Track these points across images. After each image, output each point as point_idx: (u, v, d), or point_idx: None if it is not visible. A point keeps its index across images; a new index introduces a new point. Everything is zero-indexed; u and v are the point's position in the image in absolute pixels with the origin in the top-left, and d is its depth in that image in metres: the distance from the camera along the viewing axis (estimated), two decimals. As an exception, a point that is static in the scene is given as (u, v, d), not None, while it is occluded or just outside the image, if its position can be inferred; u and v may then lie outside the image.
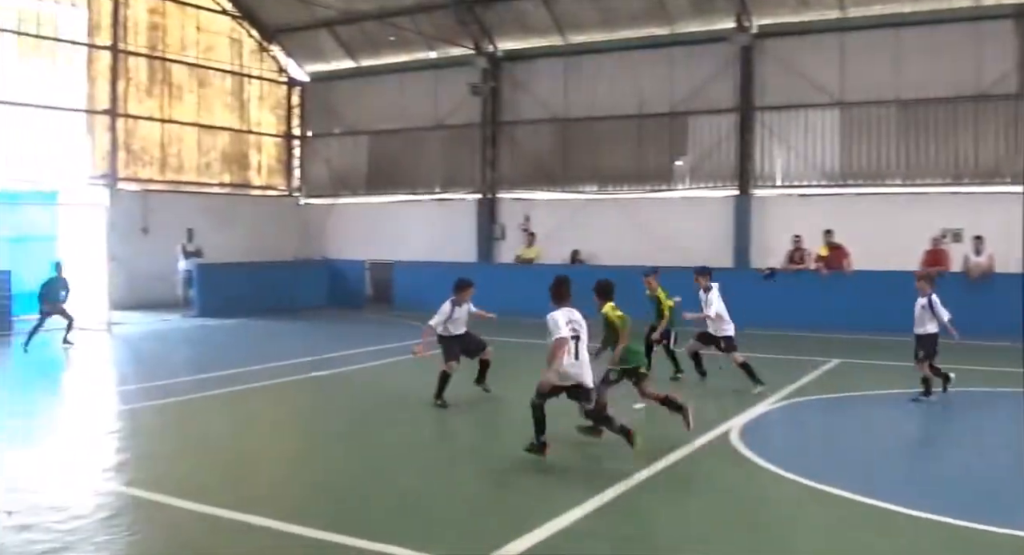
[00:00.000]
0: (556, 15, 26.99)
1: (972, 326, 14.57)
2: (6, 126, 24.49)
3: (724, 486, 8.93)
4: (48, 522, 7.53)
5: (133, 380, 15.64)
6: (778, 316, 20.62)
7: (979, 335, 16.34)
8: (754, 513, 8.13)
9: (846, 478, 8.80)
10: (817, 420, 12.44)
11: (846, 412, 12.85)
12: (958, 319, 13.15)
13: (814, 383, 14.64)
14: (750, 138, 25.00)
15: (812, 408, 12.88)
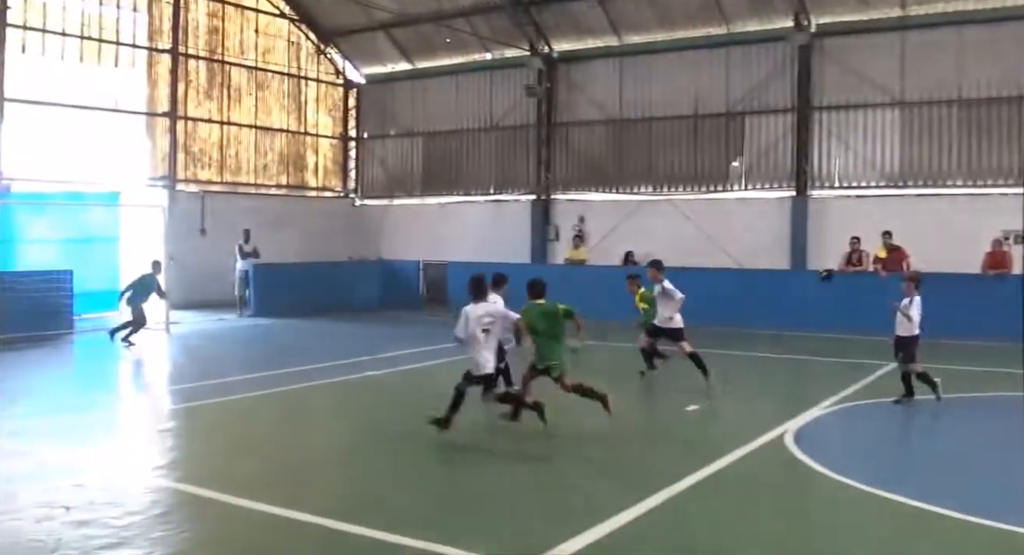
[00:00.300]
0: (612, 15, 26.91)
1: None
2: (70, 129, 24.96)
3: (778, 490, 8.83)
4: (104, 518, 7.63)
5: (189, 378, 15.82)
6: (835, 319, 20.35)
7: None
8: (808, 518, 8.03)
9: (902, 483, 8.66)
10: (873, 424, 12.22)
11: (902, 416, 12.63)
12: (1016, 323, 12.90)
13: (870, 386, 14.40)
14: (807, 138, 24.72)
15: (868, 412, 12.66)
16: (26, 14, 24.03)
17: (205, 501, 8.30)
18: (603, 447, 10.54)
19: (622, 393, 14.38)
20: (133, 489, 8.61)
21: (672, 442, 10.67)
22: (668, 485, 8.55)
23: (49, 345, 18.71)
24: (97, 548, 6.92)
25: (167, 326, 21.39)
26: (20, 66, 23.95)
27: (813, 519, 8.00)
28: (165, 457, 10.14)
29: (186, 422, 12.28)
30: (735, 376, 15.48)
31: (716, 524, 7.80)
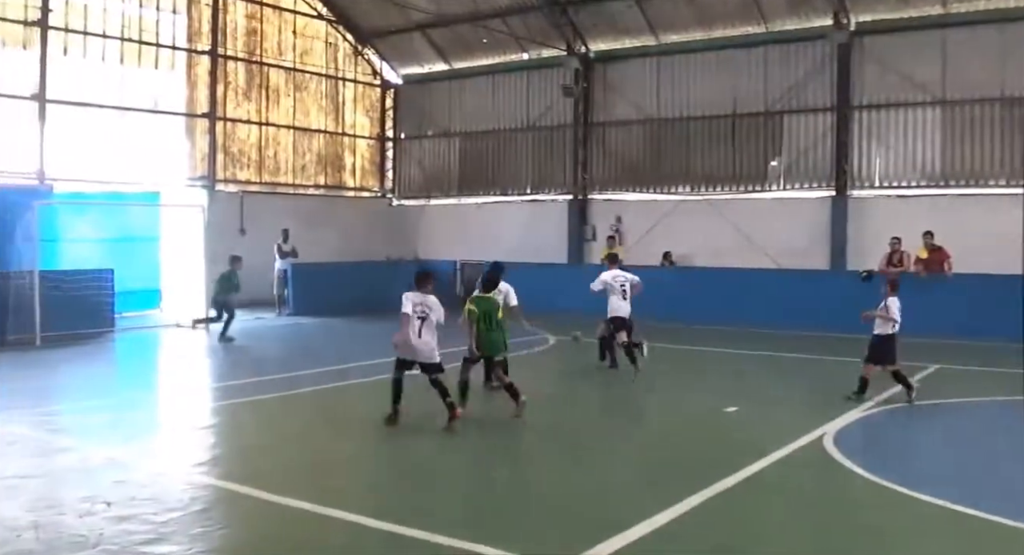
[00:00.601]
0: (649, 15, 26.81)
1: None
2: (110, 130, 25.24)
3: (817, 492, 8.76)
4: (145, 513, 7.70)
5: (228, 376, 15.98)
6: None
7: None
8: (848, 520, 7.92)
9: (944, 486, 8.54)
10: (913, 427, 12.09)
11: (943, 418, 12.49)
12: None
13: (912, 388, 14.25)
14: (847, 138, 24.48)
15: (909, 414, 12.53)
16: (67, 17, 24.30)
17: (244, 498, 8.36)
18: (641, 448, 10.51)
19: (662, 394, 14.38)
20: (173, 485, 8.68)
21: (710, 443, 10.61)
22: (706, 486, 8.50)
23: (91, 343, 18.92)
24: (137, 543, 6.99)
25: (207, 324, 21.56)
26: (62, 68, 24.22)
27: (852, 523, 7.88)
28: (205, 454, 10.23)
29: (225, 419, 12.40)
30: (773, 377, 15.39)
31: (754, 526, 7.74)
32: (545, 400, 13.66)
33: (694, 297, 22.93)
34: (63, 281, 19.30)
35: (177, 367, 17.94)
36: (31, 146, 23.36)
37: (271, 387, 14.04)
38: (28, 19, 23.36)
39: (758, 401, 13.30)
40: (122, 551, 6.83)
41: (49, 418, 11.73)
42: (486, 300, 12.14)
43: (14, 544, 6.94)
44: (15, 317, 18.28)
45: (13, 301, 18.33)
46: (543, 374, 15.82)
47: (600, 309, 15.89)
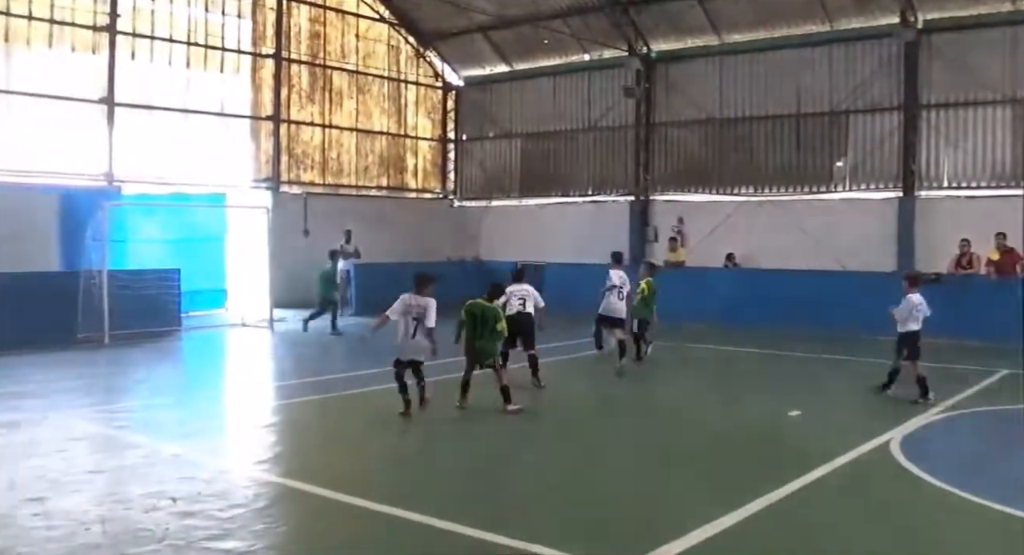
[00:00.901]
0: (711, 15, 26.60)
1: None
2: (177, 132, 25.65)
3: (883, 498, 8.56)
4: (209, 509, 7.80)
5: (292, 375, 16.14)
6: (943, 323, 19.55)
7: None
8: (914, 530, 7.74)
9: (1016, 495, 8.32)
10: (982, 433, 11.81)
11: (1013, 425, 12.19)
12: None
13: (979, 394, 13.96)
14: (915, 137, 24.04)
15: (977, 420, 12.26)
16: (135, 22, 24.73)
17: (306, 495, 8.42)
18: (704, 451, 10.42)
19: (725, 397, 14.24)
20: (237, 482, 8.78)
21: (773, 447, 10.47)
22: (769, 491, 8.38)
23: (157, 341, 19.23)
24: (202, 539, 7.07)
25: (270, 323, 21.82)
26: (129, 72, 24.66)
27: (919, 531, 7.70)
28: (267, 451, 10.34)
29: (287, 417, 12.51)
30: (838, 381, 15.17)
31: (816, 532, 7.60)
32: (605, 401, 13.65)
33: (757, 299, 22.68)
34: (131, 281, 19.62)
35: (241, 366, 18.21)
36: (100, 149, 23.81)
37: (332, 386, 14.15)
38: (97, 24, 23.83)
39: (822, 405, 13.12)
40: (187, 546, 6.92)
41: (117, 415, 11.93)
42: (480, 306, 12.37)
43: (82, 537, 7.06)
44: (84, 316, 18.63)
45: (83, 300, 18.69)
46: (600, 375, 15.74)
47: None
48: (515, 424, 11.57)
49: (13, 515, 7.60)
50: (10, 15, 22.29)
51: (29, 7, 22.61)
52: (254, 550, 6.94)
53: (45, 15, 22.91)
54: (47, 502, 7.94)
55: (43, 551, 6.80)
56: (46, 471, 8.92)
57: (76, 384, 14.29)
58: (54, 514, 7.62)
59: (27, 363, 15.93)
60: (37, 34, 22.88)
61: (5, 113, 22.36)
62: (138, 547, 6.86)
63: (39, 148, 22.77)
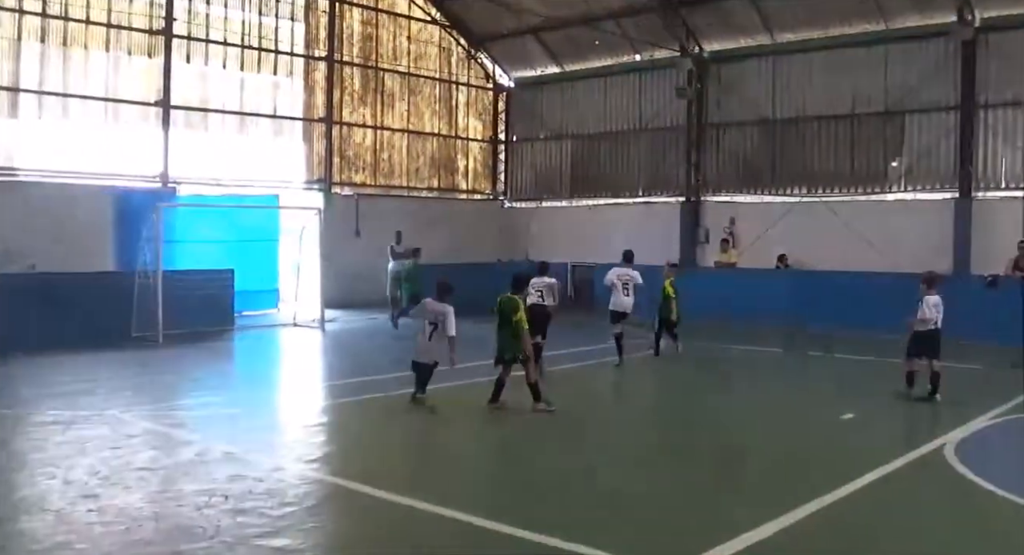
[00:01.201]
0: (764, 14, 26.35)
1: None
2: (231, 134, 25.95)
3: (936, 504, 8.44)
4: (260, 507, 7.86)
5: (342, 375, 16.23)
6: (1001, 327, 19.32)
7: None
8: (970, 535, 7.61)
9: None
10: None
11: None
12: None
13: (1039, 398, 13.69)
14: (972, 137, 23.58)
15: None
16: (190, 26, 25.05)
17: (355, 494, 8.48)
18: (755, 453, 10.32)
19: (777, 399, 14.11)
20: (288, 481, 8.83)
21: (825, 450, 10.35)
22: (820, 495, 8.29)
23: (211, 341, 19.44)
24: (253, 536, 7.14)
25: (322, 323, 21.97)
26: (184, 75, 24.98)
27: (975, 537, 7.57)
28: (318, 450, 10.41)
29: (338, 417, 12.60)
30: (891, 384, 14.93)
31: (869, 538, 7.48)
32: (655, 403, 13.58)
33: (810, 300, 22.45)
34: (185, 281, 19.86)
35: (293, 365, 18.36)
36: (155, 150, 24.13)
37: (383, 386, 14.18)
38: (153, 28, 24.16)
39: (876, 408, 12.95)
40: (238, 543, 6.98)
41: (171, 413, 12.08)
42: (501, 299, 12.59)
43: (135, 534, 7.15)
44: (139, 315, 18.91)
45: (137, 300, 18.96)
46: (652, 376, 15.67)
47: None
48: (563, 426, 11.53)
49: (69, 511, 7.72)
50: (68, 19, 22.68)
51: (87, 12, 22.99)
52: (304, 548, 7.00)
53: (103, 20, 23.28)
54: (102, 498, 8.06)
55: (98, 546, 6.90)
56: (101, 468, 9.06)
57: (131, 383, 14.50)
58: (109, 510, 7.73)
59: (83, 362, 16.19)
60: (95, 38, 23.25)
61: (63, 116, 22.74)
62: (190, 543, 6.94)
63: (96, 150, 23.15)
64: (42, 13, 22.27)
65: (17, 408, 12.17)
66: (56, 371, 15.13)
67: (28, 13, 22.06)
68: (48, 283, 18.11)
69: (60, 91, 22.66)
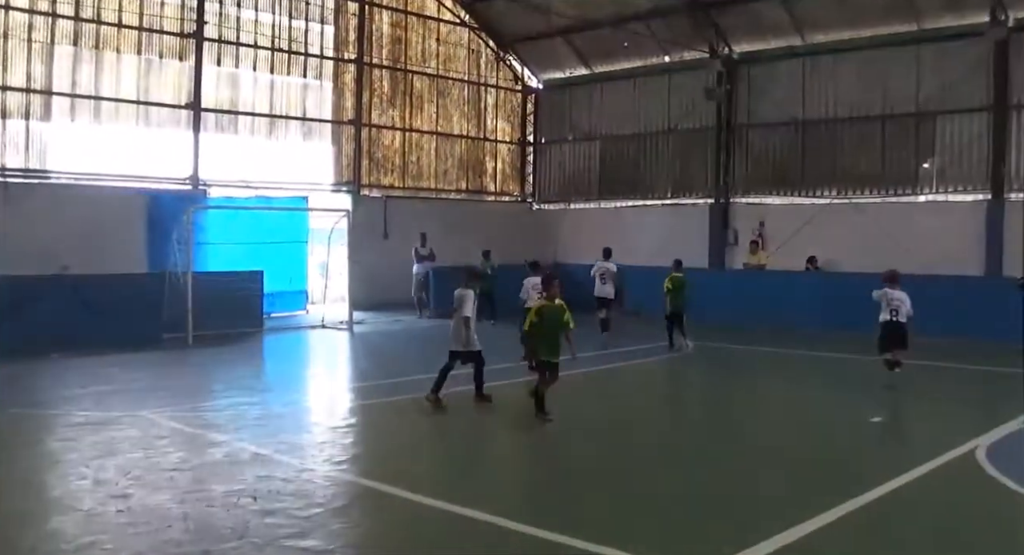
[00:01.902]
0: (795, 15, 26.17)
1: None
2: (261, 136, 26.09)
3: (968, 509, 8.32)
4: (289, 508, 7.88)
5: (370, 377, 16.28)
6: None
7: None
8: (1003, 540, 7.50)
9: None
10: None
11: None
12: None
13: (1076, 401, 13.50)
14: (1005, 139, 23.34)
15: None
16: (221, 28, 25.21)
17: (384, 496, 8.48)
18: (783, 456, 10.24)
19: (806, 401, 14.01)
20: (316, 482, 8.85)
21: (854, 453, 10.25)
22: (848, 499, 8.20)
23: (240, 342, 19.54)
24: (281, 537, 7.15)
25: (350, 325, 22.03)
26: (215, 77, 25.14)
27: (1008, 543, 7.47)
28: (346, 452, 10.42)
29: (366, 418, 12.62)
30: (922, 387, 14.82)
31: (900, 541, 7.41)
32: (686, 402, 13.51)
33: (840, 302, 22.30)
34: (215, 282, 19.99)
35: (322, 367, 18.43)
36: (186, 152, 24.30)
37: (410, 388, 14.18)
38: (184, 31, 24.32)
39: (906, 411, 12.86)
40: (266, 544, 7.00)
41: (200, 414, 12.14)
42: (550, 308, 11.94)
43: (164, 534, 7.18)
44: (169, 316, 19.04)
45: (168, 301, 19.09)
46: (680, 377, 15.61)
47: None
48: (590, 427, 11.49)
49: (99, 511, 7.77)
50: (101, 23, 22.87)
51: (119, 15, 23.18)
52: (332, 549, 7.00)
53: (134, 23, 23.47)
54: (131, 498, 8.11)
55: (128, 546, 6.93)
56: (131, 468, 9.11)
57: (160, 383, 14.59)
58: (138, 510, 7.77)
59: (113, 362, 16.31)
60: (126, 41, 23.44)
61: (95, 119, 22.94)
62: (219, 544, 6.96)
63: (127, 152, 23.33)
64: (75, 16, 22.47)
65: (49, 409, 12.29)
66: (87, 372, 15.25)
67: (61, 17, 22.26)
68: (80, 284, 18.26)
69: (92, 94, 22.86)
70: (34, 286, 17.76)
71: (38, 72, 22.03)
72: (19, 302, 17.12)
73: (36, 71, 21.99)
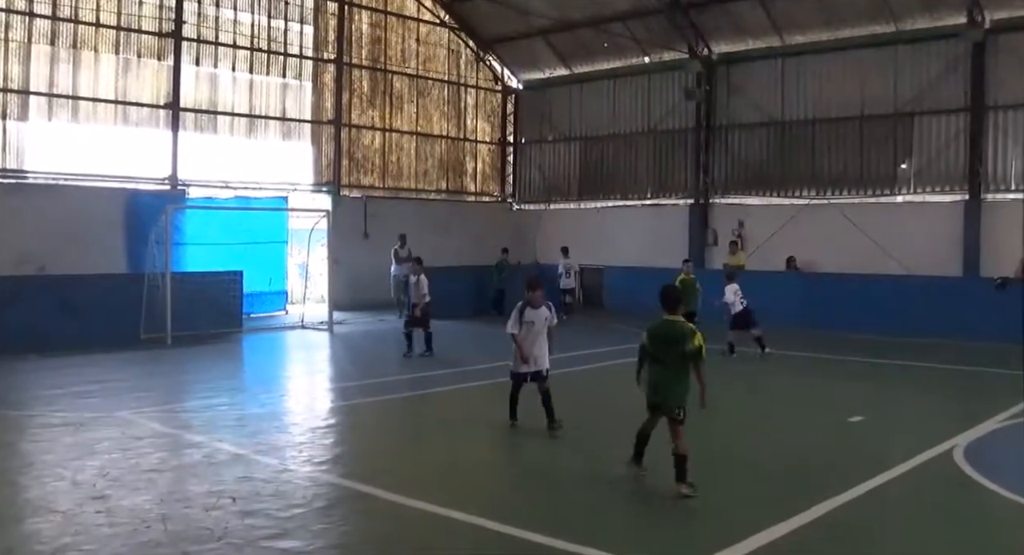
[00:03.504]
0: (773, 15, 26.26)
1: None
2: (240, 136, 25.99)
3: (946, 508, 8.36)
4: (268, 509, 7.86)
5: (350, 377, 16.23)
6: (1010, 329, 19.27)
7: None
8: (979, 540, 7.55)
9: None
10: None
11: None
12: None
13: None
14: (982, 139, 23.50)
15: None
16: (199, 28, 25.10)
17: (364, 496, 8.46)
18: (761, 457, 10.27)
19: (786, 401, 14.07)
20: (296, 483, 8.82)
21: (833, 454, 10.29)
22: (827, 498, 8.26)
23: (219, 342, 19.47)
24: (261, 538, 7.13)
25: (330, 326, 21.98)
26: (194, 77, 25.04)
27: (984, 543, 7.52)
28: (327, 452, 10.39)
29: (347, 419, 12.58)
30: (902, 387, 14.91)
31: (877, 541, 7.43)
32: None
33: (819, 303, 22.43)
34: (194, 283, 19.93)
35: (302, 367, 18.35)
36: (164, 153, 24.17)
37: (392, 388, 14.21)
38: (162, 31, 24.20)
39: (885, 411, 12.89)
40: (246, 545, 6.98)
41: (179, 415, 12.10)
42: (671, 326, 8.81)
43: (144, 535, 7.15)
44: (148, 317, 18.96)
45: (147, 302, 19.01)
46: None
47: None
48: (572, 427, 11.48)
49: (77, 512, 7.72)
50: (79, 22, 22.74)
51: (97, 15, 23.05)
52: (312, 550, 6.99)
53: (112, 23, 23.34)
54: (110, 500, 8.07)
55: (106, 548, 6.90)
56: (109, 469, 9.07)
57: (139, 384, 14.53)
58: (117, 511, 7.73)
59: (92, 363, 16.24)
60: (104, 41, 23.31)
61: (73, 118, 22.80)
62: (198, 545, 6.94)
63: (106, 152, 23.20)
64: (52, 16, 22.33)
65: (25, 409, 12.21)
66: (65, 373, 15.17)
67: (38, 16, 22.12)
68: (58, 285, 18.17)
69: (70, 94, 22.72)
70: (11, 286, 17.66)
71: (15, 72, 21.88)
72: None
73: (13, 71, 21.84)
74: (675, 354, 8.54)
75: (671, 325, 8.70)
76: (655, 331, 8.75)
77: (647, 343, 8.76)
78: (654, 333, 8.74)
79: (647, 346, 8.77)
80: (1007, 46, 23.07)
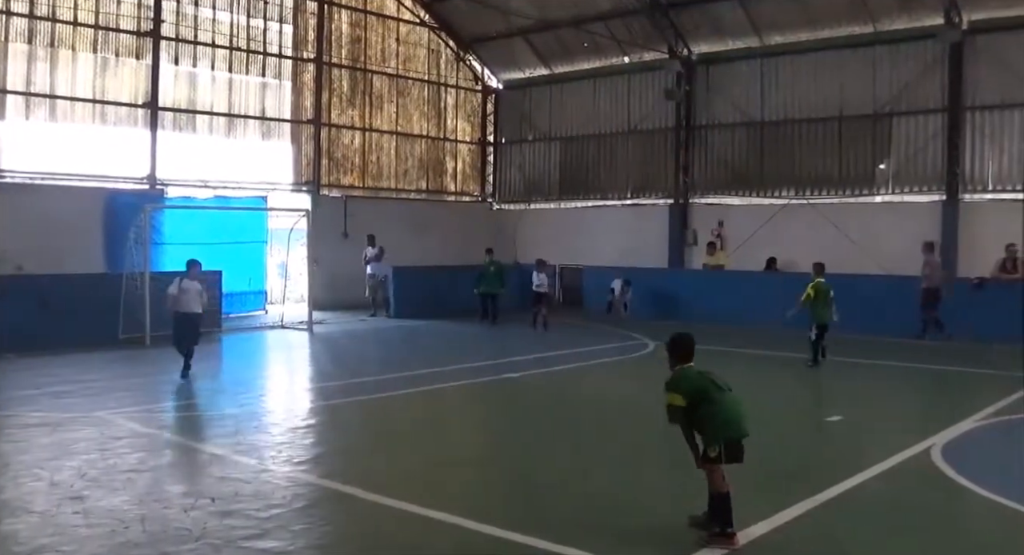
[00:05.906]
0: (753, 16, 26.36)
1: None
2: (219, 136, 25.89)
3: (924, 507, 8.42)
4: (248, 509, 7.84)
5: (331, 377, 16.20)
6: (987, 328, 19.41)
7: None
8: (956, 538, 7.61)
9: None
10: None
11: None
12: None
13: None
14: (959, 140, 23.64)
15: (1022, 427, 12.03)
16: (178, 27, 24.99)
17: (345, 497, 8.45)
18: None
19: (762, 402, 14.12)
20: (276, 483, 8.80)
21: (811, 453, 10.35)
22: (804, 498, 8.29)
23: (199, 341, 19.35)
24: (240, 538, 7.12)
25: (310, 325, 21.93)
26: (172, 76, 24.92)
27: (961, 541, 7.58)
28: (307, 452, 10.37)
29: (327, 419, 12.56)
30: (879, 387, 14.99)
31: (854, 542, 7.45)
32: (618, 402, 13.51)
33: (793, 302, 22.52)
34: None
35: (281, 367, 18.32)
36: (143, 152, 24.05)
37: (371, 388, 14.19)
38: (141, 30, 24.08)
39: (863, 410, 12.96)
40: (225, 545, 6.96)
41: (158, 415, 12.07)
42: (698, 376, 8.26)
43: (122, 535, 7.12)
44: (127, 317, 18.86)
45: (125, 302, 18.91)
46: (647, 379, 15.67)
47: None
48: (555, 427, 11.50)
49: (55, 513, 7.68)
50: (56, 21, 22.60)
51: (75, 13, 22.91)
52: (291, 550, 6.97)
53: (90, 21, 23.22)
54: (88, 500, 8.03)
55: (84, 549, 6.87)
56: (87, 470, 9.02)
57: (118, 384, 14.45)
58: (95, 512, 7.70)
59: (70, 363, 16.15)
60: (82, 40, 23.18)
61: (50, 117, 22.67)
62: (177, 546, 6.91)
63: (84, 152, 23.07)
64: (29, 14, 22.20)
65: (3, 409, 12.13)
66: (43, 373, 15.07)
67: (15, 14, 21.99)
68: (35, 285, 18.05)
69: (47, 92, 22.58)
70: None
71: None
72: (-28, 303, 16.89)
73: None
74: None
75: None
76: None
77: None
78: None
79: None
80: (984, 47, 23.23)
